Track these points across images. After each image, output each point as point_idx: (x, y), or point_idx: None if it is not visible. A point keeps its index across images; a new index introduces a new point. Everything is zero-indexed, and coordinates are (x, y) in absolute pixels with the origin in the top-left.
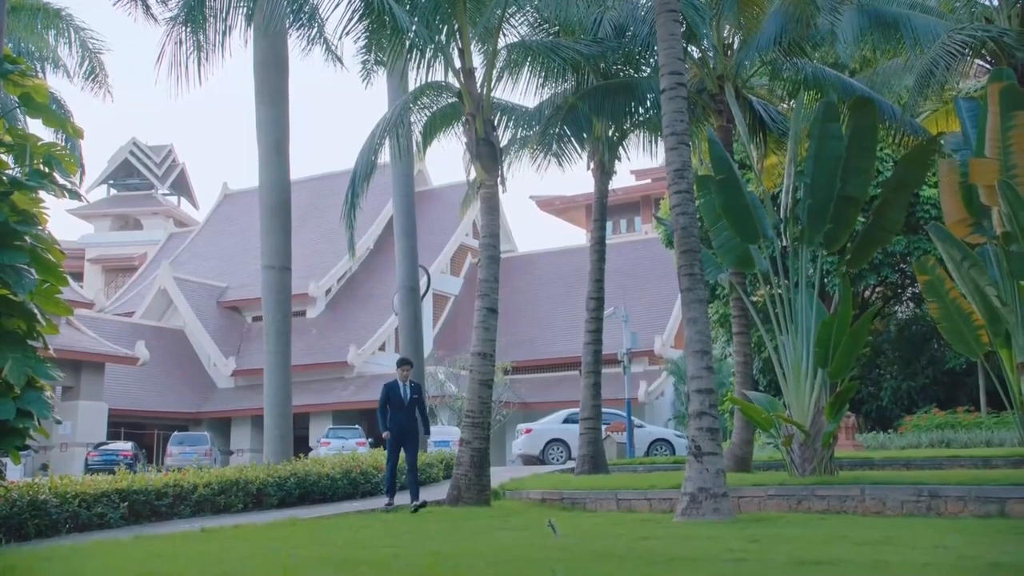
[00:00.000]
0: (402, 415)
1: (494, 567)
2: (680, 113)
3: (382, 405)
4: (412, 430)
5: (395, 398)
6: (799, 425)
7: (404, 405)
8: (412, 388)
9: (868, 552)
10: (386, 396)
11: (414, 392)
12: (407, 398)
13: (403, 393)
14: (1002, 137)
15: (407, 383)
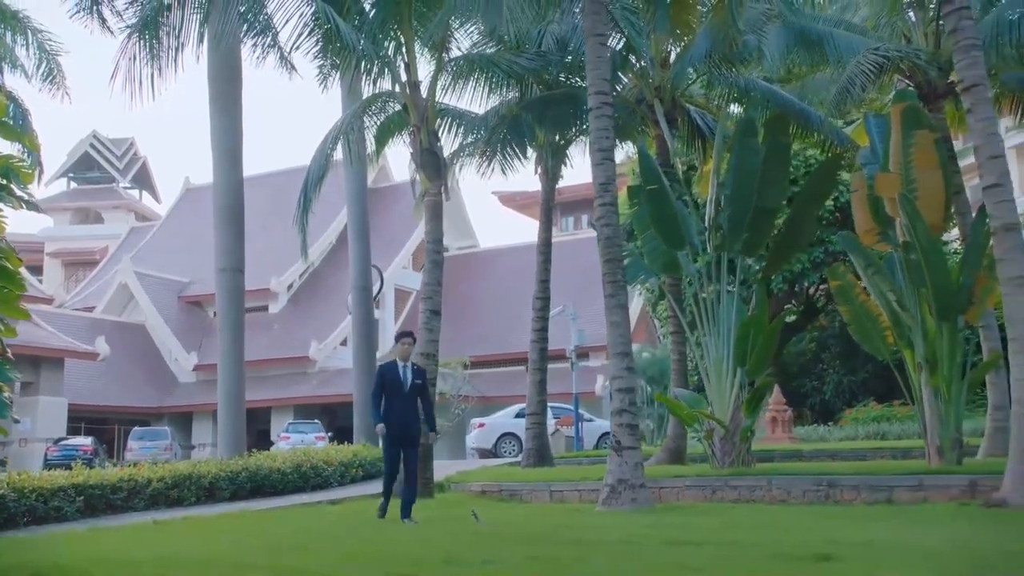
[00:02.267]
0: (402, 404)
1: (406, 551)
2: (606, 131)
3: (376, 392)
4: (414, 424)
5: (393, 383)
6: (719, 420)
7: (404, 392)
8: (415, 371)
9: (741, 534)
10: (381, 381)
11: (417, 376)
12: (408, 383)
13: (403, 376)
14: (903, 154)
15: (408, 364)
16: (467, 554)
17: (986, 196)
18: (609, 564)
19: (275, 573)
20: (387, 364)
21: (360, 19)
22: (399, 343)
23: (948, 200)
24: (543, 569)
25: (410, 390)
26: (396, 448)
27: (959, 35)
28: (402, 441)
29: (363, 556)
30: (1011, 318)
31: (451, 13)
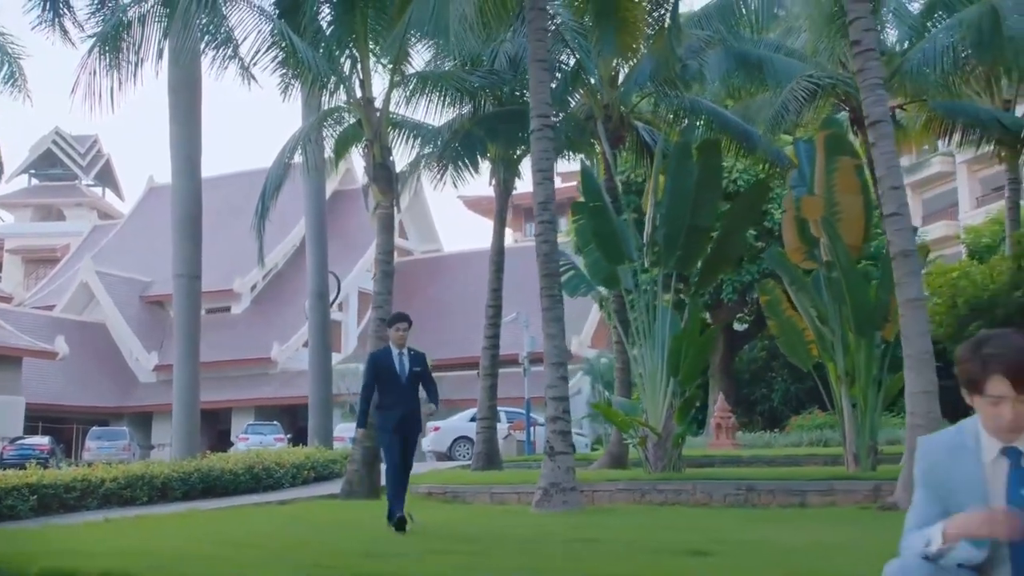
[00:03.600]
0: (400, 395)
1: (340, 546)
2: (547, 152)
3: (367, 385)
4: (415, 418)
5: (387, 372)
6: (652, 427)
7: (402, 383)
8: (412, 357)
9: (639, 534)
10: (373, 370)
11: (415, 363)
12: (406, 372)
13: (399, 365)
14: (827, 178)
15: (405, 351)
16: (386, 549)
17: (886, 223)
18: (501, 557)
19: (202, 562)
20: (380, 352)
21: (317, 36)
22: (392, 328)
23: (868, 223)
24: (441, 561)
25: (409, 379)
26: (397, 435)
27: (865, 74)
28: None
29: (291, 550)
30: (907, 336)
31: (404, 32)
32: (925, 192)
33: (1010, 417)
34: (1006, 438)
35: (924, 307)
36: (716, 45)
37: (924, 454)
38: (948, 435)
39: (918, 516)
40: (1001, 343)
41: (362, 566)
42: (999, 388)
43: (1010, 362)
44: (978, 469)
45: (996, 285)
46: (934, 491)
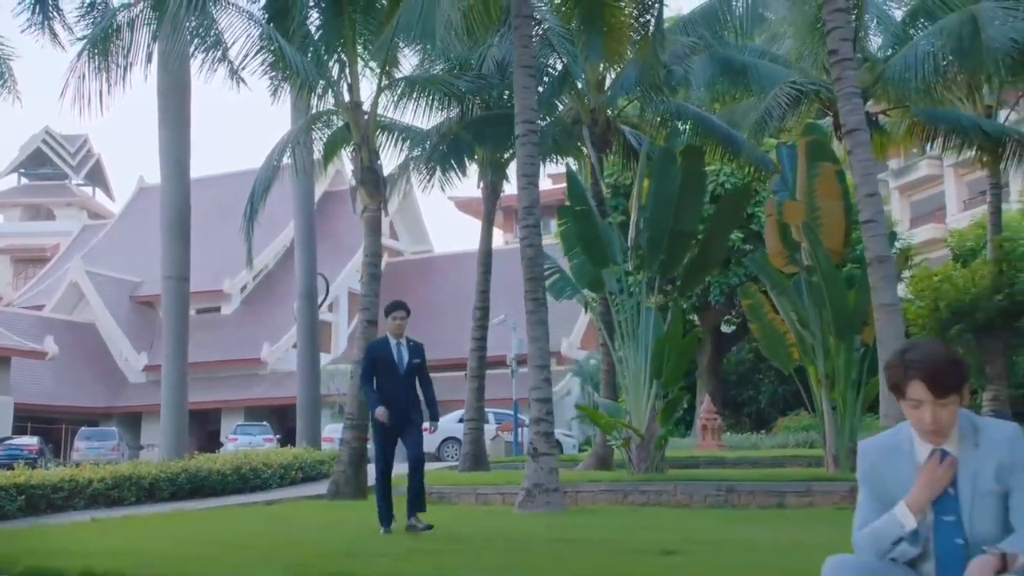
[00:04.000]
0: (397, 388)
1: (321, 546)
2: (531, 157)
3: (366, 375)
4: (413, 409)
5: (385, 362)
6: (635, 429)
7: (400, 374)
8: (411, 348)
9: (617, 533)
10: (371, 361)
11: (414, 354)
12: (404, 363)
13: (397, 355)
14: (808, 184)
15: (403, 341)
16: (368, 548)
17: (863, 230)
18: (479, 556)
19: (186, 562)
20: (377, 342)
21: (305, 40)
22: (389, 317)
23: (848, 228)
24: (420, 560)
25: (407, 371)
26: (390, 438)
27: (842, 83)
28: (399, 429)
29: (276, 550)
30: (882, 340)
31: (391, 37)
32: (913, 195)
33: (929, 420)
34: (931, 440)
35: (899, 311)
36: (701, 51)
37: (864, 456)
38: (885, 437)
39: (863, 515)
40: (922, 352)
41: (344, 566)
42: (918, 393)
43: (928, 369)
44: (912, 469)
45: (977, 289)
46: (875, 490)
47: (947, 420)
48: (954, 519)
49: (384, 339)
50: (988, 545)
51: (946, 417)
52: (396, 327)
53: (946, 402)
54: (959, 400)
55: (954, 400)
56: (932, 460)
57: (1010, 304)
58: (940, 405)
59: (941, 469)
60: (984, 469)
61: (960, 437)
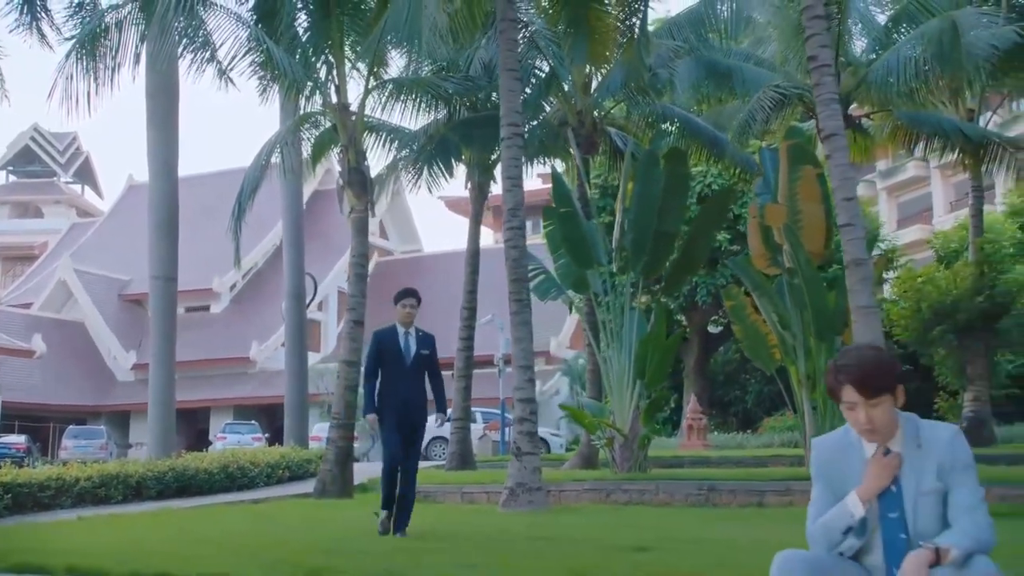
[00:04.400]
0: (405, 381)
1: (303, 544)
2: (516, 160)
3: (370, 368)
4: (421, 406)
5: (392, 354)
6: (618, 429)
7: (407, 366)
8: (420, 339)
9: (595, 532)
10: (377, 351)
11: (423, 345)
12: (412, 355)
13: (404, 346)
14: (790, 187)
15: (412, 331)
16: (351, 546)
17: (842, 233)
18: (460, 553)
19: (168, 559)
20: (384, 330)
21: (293, 42)
22: (399, 305)
23: (829, 230)
24: (402, 557)
25: (415, 363)
26: (399, 433)
27: (821, 89)
28: (407, 427)
29: (259, 546)
30: (858, 342)
31: (379, 40)
32: (901, 196)
33: (864, 420)
34: (870, 439)
35: (875, 314)
36: (686, 54)
37: (817, 453)
38: (837, 435)
39: (817, 508)
40: (852, 357)
41: (326, 562)
42: (851, 395)
43: (857, 373)
44: (862, 464)
45: (959, 290)
46: (828, 485)
47: (880, 420)
48: (897, 515)
49: (392, 328)
50: (929, 540)
51: (879, 417)
52: (406, 315)
53: (877, 402)
54: (892, 400)
55: (886, 400)
56: (877, 454)
57: (990, 306)
58: (871, 405)
59: (886, 461)
60: (926, 468)
61: (904, 438)
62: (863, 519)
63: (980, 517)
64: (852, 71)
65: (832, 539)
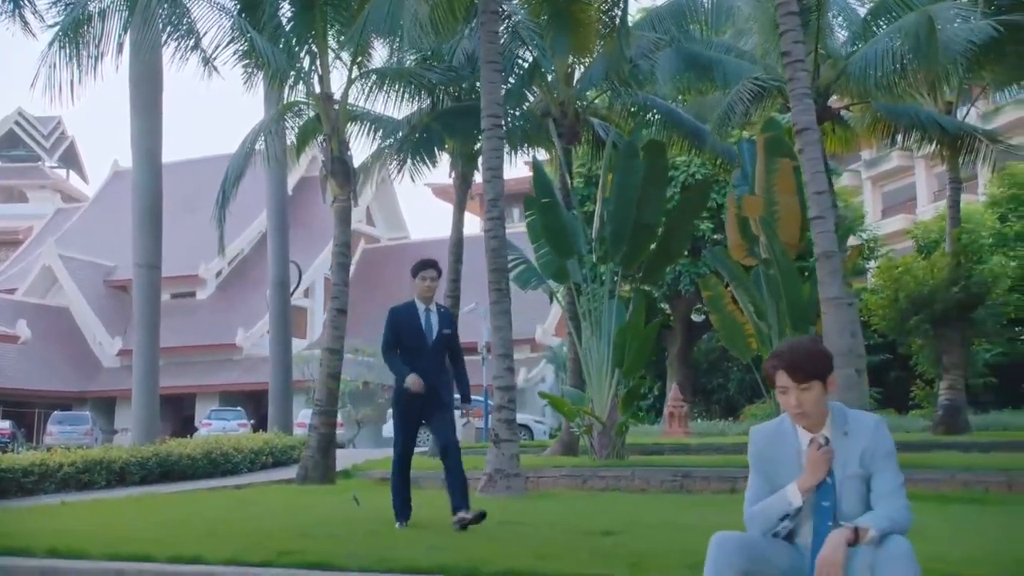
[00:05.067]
0: (425, 362)
1: (277, 526)
2: (496, 151)
3: (389, 344)
4: (443, 388)
5: (411, 333)
6: (596, 417)
7: (428, 346)
8: (442, 316)
9: (565, 517)
10: (395, 330)
11: (444, 323)
12: (433, 333)
13: (425, 324)
14: (767, 179)
15: (433, 307)
16: (323, 530)
17: (813, 226)
18: (429, 537)
19: (141, 542)
20: (402, 307)
21: (276, 32)
22: (417, 278)
23: (804, 222)
24: (371, 541)
25: (436, 343)
26: (413, 419)
27: (794, 84)
28: (427, 411)
29: (231, 530)
30: (828, 333)
31: (362, 30)
32: (885, 185)
33: (794, 402)
34: (800, 422)
35: (843, 305)
36: (667, 46)
37: (753, 441)
38: (772, 425)
39: (753, 493)
40: (787, 346)
41: (293, 544)
42: (783, 380)
43: (788, 359)
44: (795, 452)
45: (935, 281)
46: (763, 471)
47: (810, 404)
48: (829, 504)
49: (411, 304)
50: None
51: (808, 401)
52: (425, 289)
53: (807, 387)
54: (822, 388)
55: (815, 386)
56: (813, 448)
57: (966, 296)
58: (802, 390)
59: (822, 454)
60: (852, 454)
61: (832, 426)
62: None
63: (898, 501)
64: (832, 63)
65: (769, 524)
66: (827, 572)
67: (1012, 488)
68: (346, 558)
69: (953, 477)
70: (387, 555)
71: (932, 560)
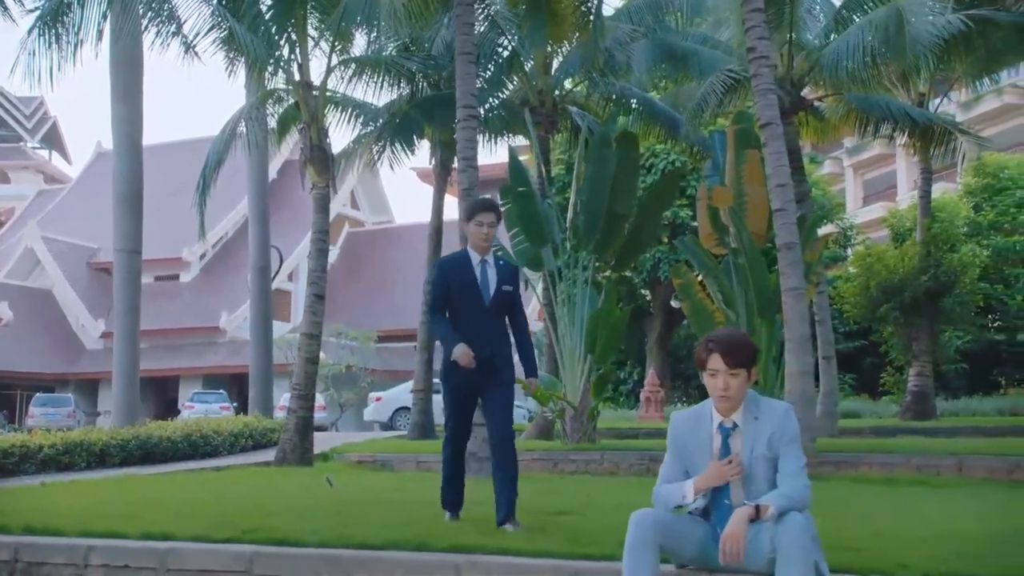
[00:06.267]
0: (480, 327)
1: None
2: (470, 141)
3: (436, 306)
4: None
5: (464, 288)
6: (569, 402)
7: (485, 305)
8: (501, 270)
9: (527, 497)
10: (443, 286)
11: (505, 278)
12: (491, 290)
13: (482, 279)
14: (736, 170)
15: (490, 259)
16: (291, 509)
17: (775, 218)
18: (390, 515)
19: (114, 520)
20: (451, 258)
21: (256, 20)
22: (472, 222)
23: (771, 212)
24: (336, 520)
25: (495, 302)
26: (466, 401)
27: (758, 80)
28: (483, 387)
29: (203, 509)
30: (788, 322)
31: (340, 19)
32: (867, 173)
33: (722, 385)
34: (722, 405)
35: (803, 295)
36: (642, 37)
37: (673, 425)
38: (692, 411)
39: (664, 471)
40: (722, 334)
41: (259, 523)
42: (716, 363)
43: (724, 345)
44: (708, 437)
45: (906, 269)
46: (677, 452)
47: (735, 388)
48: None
49: (462, 255)
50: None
51: (735, 385)
52: (481, 238)
53: (735, 373)
54: (747, 375)
55: (742, 373)
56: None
57: (934, 284)
58: (731, 375)
59: (726, 468)
60: (761, 437)
61: (745, 411)
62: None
63: (798, 480)
64: (806, 55)
65: (667, 507)
66: (730, 546)
67: (962, 472)
68: (307, 535)
69: (908, 461)
70: (345, 532)
71: (839, 534)
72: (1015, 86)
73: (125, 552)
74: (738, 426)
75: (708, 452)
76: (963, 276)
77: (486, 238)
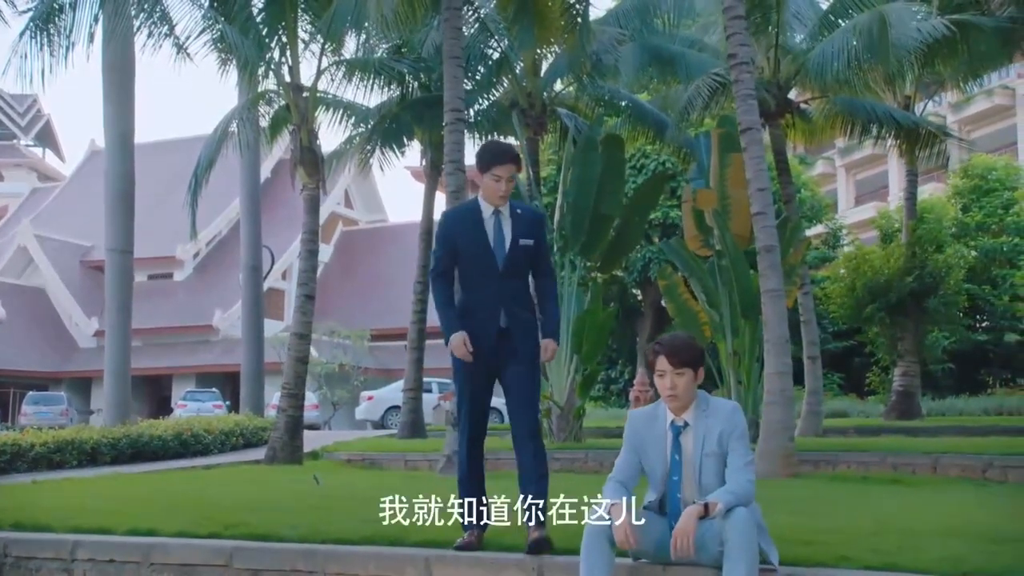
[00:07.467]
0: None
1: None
2: (458, 144)
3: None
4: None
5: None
6: (555, 401)
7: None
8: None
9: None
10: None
11: (521, 231)
12: (505, 246)
13: (494, 234)
14: (720, 173)
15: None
16: (272, 505)
17: (755, 221)
18: (368, 511)
19: (104, 516)
20: (458, 210)
21: (247, 22)
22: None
23: None
24: (314, 515)
25: (510, 262)
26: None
27: (740, 85)
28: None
29: (188, 506)
30: (767, 323)
31: (330, 22)
32: (859, 174)
33: (669, 385)
34: (672, 404)
35: (782, 297)
36: (630, 41)
37: (630, 422)
38: (648, 409)
39: (622, 464)
40: (669, 336)
41: (239, 518)
42: (662, 364)
43: (668, 346)
44: (662, 434)
45: (891, 270)
46: (632, 447)
47: (681, 387)
48: (678, 479)
49: (471, 205)
50: (711, 495)
51: (682, 385)
52: (497, 190)
53: (681, 372)
54: (694, 376)
55: (688, 373)
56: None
57: (919, 285)
58: (677, 374)
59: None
60: (711, 435)
61: (696, 409)
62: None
63: (745, 476)
64: (792, 58)
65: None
66: (681, 542)
67: (936, 470)
68: (287, 530)
69: (884, 460)
70: (323, 527)
71: (797, 530)
72: (1005, 87)
73: (110, 547)
74: (689, 424)
75: (662, 449)
76: (948, 277)
77: (503, 194)
